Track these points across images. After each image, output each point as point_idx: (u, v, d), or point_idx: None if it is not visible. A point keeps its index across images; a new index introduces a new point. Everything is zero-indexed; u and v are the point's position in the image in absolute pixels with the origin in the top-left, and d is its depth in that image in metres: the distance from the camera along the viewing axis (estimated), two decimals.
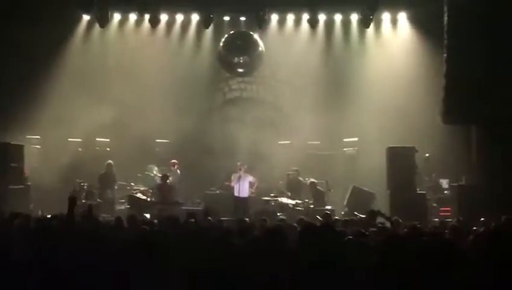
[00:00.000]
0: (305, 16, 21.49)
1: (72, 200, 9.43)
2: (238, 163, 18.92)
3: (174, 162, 20.51)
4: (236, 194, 18.71)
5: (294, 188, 19.35)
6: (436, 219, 16.79)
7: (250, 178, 18.92)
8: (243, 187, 18.67)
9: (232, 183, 18.89)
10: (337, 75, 21.63)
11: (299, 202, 18.59)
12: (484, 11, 17.20)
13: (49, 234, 8.29)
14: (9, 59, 20.21)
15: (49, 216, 12.20)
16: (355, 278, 6.33)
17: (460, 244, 8.28)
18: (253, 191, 19.25)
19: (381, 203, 17.93)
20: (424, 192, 18.36)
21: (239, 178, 18.64)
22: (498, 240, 6.72)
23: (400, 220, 11.96)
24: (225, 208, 18.01)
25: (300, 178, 19.55)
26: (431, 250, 6.79)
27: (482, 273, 6.35)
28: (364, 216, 13.81)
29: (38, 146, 20.70)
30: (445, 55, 18.01)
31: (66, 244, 7.79)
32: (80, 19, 22.05)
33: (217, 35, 22.21)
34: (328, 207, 17.95)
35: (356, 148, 20.95)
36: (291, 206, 18.42)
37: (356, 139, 20.93)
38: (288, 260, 6.79)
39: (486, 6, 17.24)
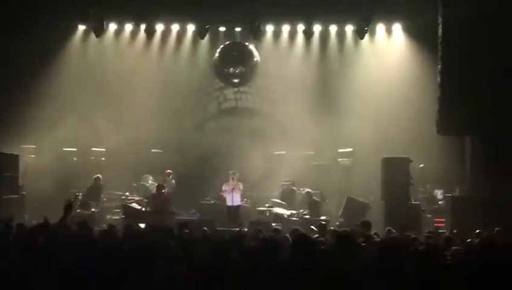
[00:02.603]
0: (301, 27, 21.58)
1: (68, 207, 9.43)
2: (230, 172, 18.92)
3: (169, 172, 20.52)
4: (229, 203, 18.70)
5: (288, 198, 19.37)
6: (429, 230, 16.78)
7: (241, 186, 18.91)
8: (235, 196, 18.67)
9: (225, 194, 18.88)
10: (332, 86, 21.69)
11: (294, 212, 18.59)
12: (478, 22, 17.31)
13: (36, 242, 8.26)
14: (4, 68, 20.22)
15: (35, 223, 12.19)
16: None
17: (451, 255, 8.33)
18: (246, 199, 19.26)
19: (376, 213, 17.97)
20: (418, 203, 18.39)
21: (231, 187, 18.64)
22: (489, 251, 6.74)
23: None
24: (220, 218, 18.02)
25: (295, 188, 19.59)
26: (423, 260, 6.81)
27: (473, 284, 6.37)
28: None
29: (33, 155, 20.65)
30: (439, 66, 18.10)
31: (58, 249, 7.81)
32: (75, 28, 22.08)
33: (212, 45, 22.32)
34: (323, 217, 17.95)
35: (351, 158, 20.97)
36: (286, 216, 18.41)
37: (351, 149, 20.95)
38: (281, 271, 6.81)
39: (480, 18, 17.34)
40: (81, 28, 22.09)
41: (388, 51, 21.77)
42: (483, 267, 6.58)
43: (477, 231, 12.47)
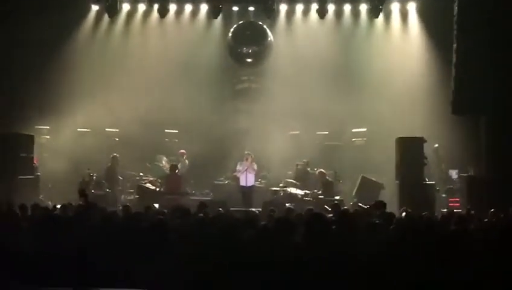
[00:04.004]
0: (314, 6, 21.43)
1: (82, 193, 9.48)
2: (246, 152, 18.85)
3: (182, 152, 20.56)
4: (242, 183, 18.67)
5: (302, 178, 19.37)
6: (445, 210, 16.74)
7: (255, 167, 18.84)
8: (249, 177, 18.62)
9: (239, 174, 18.83)
10: (345, 66, 21.56)
11: (307, 192, 18.61)
12: (493, 2, 17.13)
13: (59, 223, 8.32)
14: (18, 49, 20.26)
15: (58, 206, 12.26)
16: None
17: (466, 234, 8.29)
18: (260, 180, 19.27)
19: (390, 193, 17.94)
20: (433, 182, 18.32)
21: (245, 168, 18.57)
22: (507, 232, 6.70)
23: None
24: (234, 198, 18.06)
25: (309, 169, 19.57)
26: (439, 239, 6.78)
27: (488, 264, 6.34)
28: (367, 207, 13.89)
29: (47, 136, 20.73)
30: (454, 45, 17.93)
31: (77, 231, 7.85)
32: (89, 9, 22.04)
33: (225, 25, 22.24)
34: (337, 197, 17.94)
35: (365, 138, 20.92)
36: (299, 196, 18.41)
37: (365, 129, 20.90)
38: (295, 250, 6.82)
39: None
40: (95, 8, 22.05)
41: (403, 31, 21.62)
42: (502, 246, 6.54)
43: (492, 210, 12.42)
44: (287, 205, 15.88)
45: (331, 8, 21.53)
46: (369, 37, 21.84)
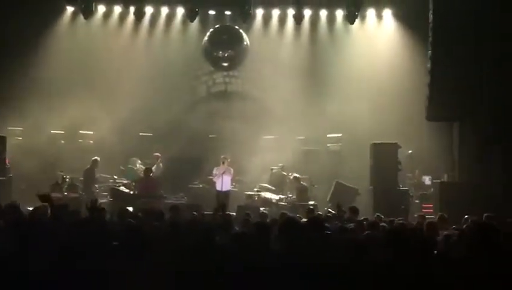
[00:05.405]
0: (291, 12, 21.50)
1: (43, 198, 9.34)
2: (222, 156, 18.75)
3: (157, 155, 20.46)
4: (218, 188, 18.50)
5: (277, 183, 19.36)
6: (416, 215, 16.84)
7: (231, 171, 18.74)
8: (225, 181, 18.49)
9: (214, 178, 18.70)
10: (322, 71, 21.67)
11: (282, 197, 18.61)
12: (469, 8, 17.30)
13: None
14: None
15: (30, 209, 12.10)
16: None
17: (435, 241, 8.34)
18: (234, 184, 19.23)
19: (365, 199, 18.03)
20: (406, 188, 18.46)
21: (221, 172, 18.44)
22: (479, 237, 6.73)
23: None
24: (208, 202, 17.95)
25: (284, 173, 19.57)
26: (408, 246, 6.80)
27: (460, 270, 6.37)
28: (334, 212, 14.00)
29: (20, 138, 20.50)
30: (429, 52, 18.11)
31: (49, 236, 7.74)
32: (63, 10, 21.86)
33: (202, 29, 22.20)
34: (311, 202, 17.94)
35: (340, 143, 20.98)
36: (274, 201, 18.42)
37: (340, 135, 20.96)
38: (270, 255, 6.80)
39: (471, 4, 17.34)
40: (70, 9, 21.89)
41: (378, 37, 21.78)
42: (477, 251, 6.57)
43: (466, 216, 12.51)
44: (261, 209, 15.88)
45: (307, 13, 21.60)
46: (345, 42, 21.94)
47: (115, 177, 19.97)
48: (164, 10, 22.29)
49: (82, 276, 6.40)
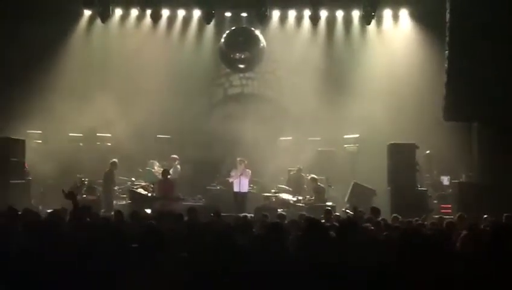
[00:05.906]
0: (307, 13, 21.49)
1: (69, 195, 9.41)
2: (238, 159, 18.80)
3: (174, 158, 20.48)
4: (236, 189, 18.59)
5: (295, 184, 19.36)
6: (436, 216, 16.77)
7: (249, 173, 18.78)
8: (243, 183, 18.56)
9: (232, 179, 18.77)
10: (338, 72, 21.62)
11: (300, 198, 18.61)
12: (486, 8, 17.19)
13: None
14: (10, 53, 20.22)
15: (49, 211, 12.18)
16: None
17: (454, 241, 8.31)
18: (252, 185, 19.24)
19: (382, 200, 17.96)
20: (425, 189, 18.37)
21: (239, 174, 18.52)
22: (498, 238, 6.69)
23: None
24: (226, 204, 17.97)
25: (303, 174, 19.56)
26: (428, 246, 6.77)
27: (478, 270, 6.34)
28: (351, 213, 14.00)
29: (39, 141, 20.66)
30: (446, 52, 18.01)
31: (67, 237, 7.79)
32: (81, 13, 22.06)
33: (218, 31, 22.24)
34: (329, 203, 17.92)
35: (357, 144, 20.92)
36: (292, 202, 18.42)
37: (357, 135, 20.90)
38: (289, 257, 6.79)
39: (488, 4, 17.24)
40: (87, 13, 22.05)
41: (395, 37, 21.71)
42: (493, 253, 6.53)
43: (485, 216, 12.47)
44: (278, 210, 15.88)
45: (323, 14, 21.57)
46: (361, 43, 21.91)
47: (133, 179, 20.05)
48: (180, 13, 22.38)
49: (98, 277, 6.45)
